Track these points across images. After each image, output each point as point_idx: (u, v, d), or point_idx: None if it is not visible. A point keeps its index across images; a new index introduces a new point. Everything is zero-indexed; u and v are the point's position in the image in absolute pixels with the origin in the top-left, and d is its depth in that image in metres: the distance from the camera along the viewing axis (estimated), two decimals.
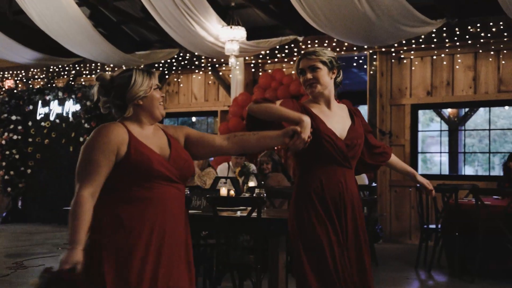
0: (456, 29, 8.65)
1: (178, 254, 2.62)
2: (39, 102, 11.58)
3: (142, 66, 10.62)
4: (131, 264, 2.47)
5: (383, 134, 9.19)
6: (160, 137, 2.70)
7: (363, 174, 7.80)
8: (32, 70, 13.02)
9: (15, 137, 11.66)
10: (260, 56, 10.24)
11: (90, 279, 2.43)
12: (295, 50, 9.84)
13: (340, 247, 3.06)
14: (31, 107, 11.67)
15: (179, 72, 11.35)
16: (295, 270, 3.12)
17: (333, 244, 3.05)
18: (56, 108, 11.39)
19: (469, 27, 8.61)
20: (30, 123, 11.68)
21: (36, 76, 13.08)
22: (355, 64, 10.16)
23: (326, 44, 9.52)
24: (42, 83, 12.89)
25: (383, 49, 9.22)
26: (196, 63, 10.97)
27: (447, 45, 8.84)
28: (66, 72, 12.57)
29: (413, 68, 9.23)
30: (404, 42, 8.91)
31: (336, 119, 3.21)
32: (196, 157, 2.82)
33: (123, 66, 11.17)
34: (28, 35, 11.37)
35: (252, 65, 10.55)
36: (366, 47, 9.24)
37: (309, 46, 9.68)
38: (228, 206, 4.93)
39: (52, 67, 12.66)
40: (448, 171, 10.00)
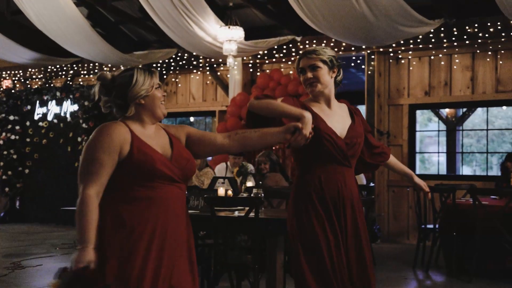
0: (454, 29, 8.66)
1: (180, 254, 2.61)
2: (37, 102, 11.57)
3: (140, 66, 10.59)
4: (133, 263, 2.47)
5: (381, 134, 9.20)
6: (162, 136, 2.69)
7: (361, 174, 7.80)
8: (30, 70, 13.00)
9: (13, 137, 11.66)
10: (258, 56, 10.23)
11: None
12: (293, 50, 9.83)
13: (338, 247, 3.05)
14: (29, 107, 11.67)
15: (177, 72, 11.34)
16: (294, 270, 3.11)
17: (330, 244, 3.04)
18: (54, 108, 11.39)
19: (467, 27, 8.62)
20: (28, 123, 11.68)
21: (34, 76, 13.06)
22: (353, 64, 10.16)
23: (324, 44, 9.49)
24: (40, 83, 12.88)
25: (381, 49, 9.23)
26: (194, 63, 10.96)
27: (445, 45, 8.85)
28: (64, 72, 12.56)
29: (411, 68, 9.24)
30: (402, 42, 8.92)
31: (336, 118, 3.20)
32: (198, 156, 2.80)
33: (121, 66, 11.17)
34: (26, 35, 11.37)
35: (250, 65, 10.55)
36: (364, 47, 9.24)
37: (307, 46, 9.66)
38: (226, 206, 4.92)
39: (50, 67, 12.65)
40: (446, 171, 10.01)
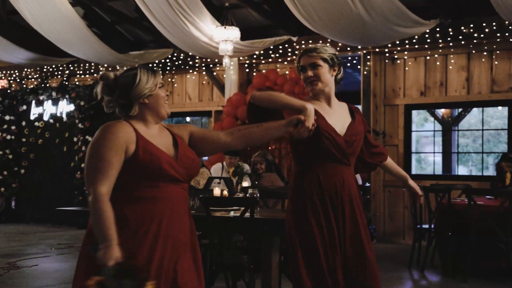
0: (450, 29, 8.67)
1: (185, 254, 2.61)
2: (33, 102, 11.56)
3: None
4: (137, 263, 2.45)
5: (377, 134, 9.21)
6: (165, 136, 2.68)
7: (357, 174, 7.81)
8: (25, 70, 12.98)
9: (8, 137, 11.64)
10: (254, 56, 10.24)
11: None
12: (289, 50, 9.84)
13: (334, 247, 3.05)
14: (24, 107, 11.65)
15: (173, 72, 11.34)
16: (291, 268, 3.11)
17: (326, 243, 3.04)
18: (49, 108, 11.38)
19: (462, 28, 8.63)
20: (23, 123, 11.66)
21: (29, 76, 13.04)
22: (349, 64, 10.17)
23: None
24: (35, 83, 12.85)
25: (377, 49, 9.24)
26: (190, 63, 10.96)
27: (441, 45, 8.87)
28: (60, 72, 12.54)
29: (406, 68, 9.25)
30: (397, 42, 8.93)
31: (336, 116, 3.19)
32: (202, 154, 2.80)
33: (117, 66, 11.17)
34: (21, 35, 11.34)
35: (246, 65, 10.55)
36: (360, 47, 9.25)
37: (303, 46, 9.67)
38: (221, 206, 4.93)
39: (45, 67, 12.63)
40: (441, 171, 10.03)
